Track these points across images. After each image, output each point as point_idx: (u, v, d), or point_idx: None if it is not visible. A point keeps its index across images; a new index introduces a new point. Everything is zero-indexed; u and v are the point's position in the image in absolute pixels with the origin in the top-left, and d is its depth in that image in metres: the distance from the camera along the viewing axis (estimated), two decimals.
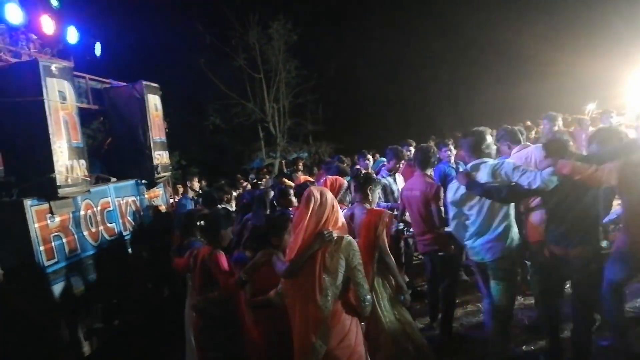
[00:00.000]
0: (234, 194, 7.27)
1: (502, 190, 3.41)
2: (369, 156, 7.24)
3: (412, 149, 6.81)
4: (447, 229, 4.20)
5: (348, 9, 20.86)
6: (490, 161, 3.59)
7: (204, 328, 3.63)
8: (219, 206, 5.38)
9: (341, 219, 2.88)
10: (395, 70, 20.49)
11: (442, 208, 4.47)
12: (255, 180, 9.41)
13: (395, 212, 5.07)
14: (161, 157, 6.48)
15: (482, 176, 3.52)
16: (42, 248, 4.33)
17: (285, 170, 10.46)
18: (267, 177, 9.67)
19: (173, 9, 20.26)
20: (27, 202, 4.27)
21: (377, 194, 4.07)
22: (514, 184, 3.39)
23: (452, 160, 6.08)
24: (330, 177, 4.50)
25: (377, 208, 4.02)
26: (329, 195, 2.85)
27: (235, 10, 16.74)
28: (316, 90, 18.53)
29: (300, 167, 7.93)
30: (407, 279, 5.67)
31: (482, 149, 3.64)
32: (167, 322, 5.29)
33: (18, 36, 5.81)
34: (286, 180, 5.73)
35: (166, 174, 6.65)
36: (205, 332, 3.63)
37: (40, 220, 4.38)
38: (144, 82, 6.22)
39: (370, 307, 2.81)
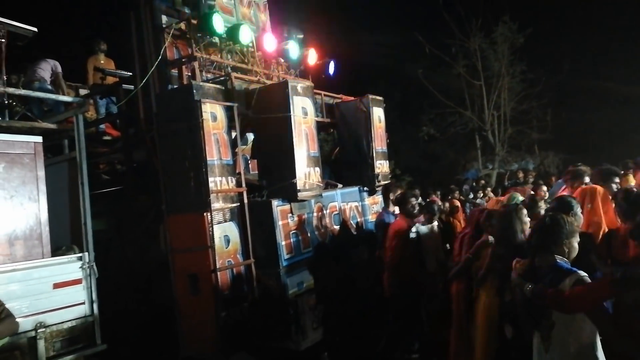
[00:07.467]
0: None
1: None
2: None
3: None
4: None
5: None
6: None
7: None
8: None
9: None
10: None
11: None
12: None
13: None
14: (382, 166, 6.83)
15: None
16: (283, 243, 5.05)
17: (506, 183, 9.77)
18: (488, 189, 9.06)
19: (394, 21, 21.21)
20: (274, 203, 5.04)
21: None
22: None
23: None
24: None
25: None
26: None
27: (456, 17, 16.43)
28: (544, 94, 16.77)
29: (530, 179, 6.72)
30: None
31: None
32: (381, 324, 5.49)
33: (270, 62, 6.91)
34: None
35: (386, 182, 6.96)
36: None
37: (283, 218, 5.11)
38: (370, 96, 6.66)
39: None
